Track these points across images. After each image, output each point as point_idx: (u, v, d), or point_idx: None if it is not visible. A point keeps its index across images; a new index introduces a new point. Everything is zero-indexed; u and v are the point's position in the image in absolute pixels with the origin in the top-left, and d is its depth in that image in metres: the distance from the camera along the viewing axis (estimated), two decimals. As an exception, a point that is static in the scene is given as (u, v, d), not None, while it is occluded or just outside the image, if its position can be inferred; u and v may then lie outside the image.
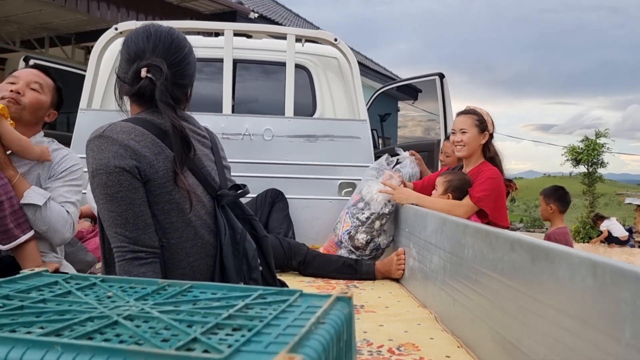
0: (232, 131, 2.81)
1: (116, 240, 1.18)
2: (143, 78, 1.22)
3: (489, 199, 2.26)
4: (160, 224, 1.21)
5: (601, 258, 0.88)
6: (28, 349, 0.47)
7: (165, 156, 1.21)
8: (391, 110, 5.57)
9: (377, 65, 14.12)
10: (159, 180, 1.20)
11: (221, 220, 1.27)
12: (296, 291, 0.67)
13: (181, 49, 1.29)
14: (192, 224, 1.24)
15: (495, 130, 2.44)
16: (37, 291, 0.67)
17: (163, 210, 1.21)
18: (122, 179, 1.16)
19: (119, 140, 1.18)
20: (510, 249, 1.18)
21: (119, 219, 1.17)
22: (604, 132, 14.58)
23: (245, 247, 1.28)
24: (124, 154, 1.17)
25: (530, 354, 1.07)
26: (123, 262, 1.16)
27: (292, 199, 2.82)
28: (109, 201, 1.17)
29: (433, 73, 3.73)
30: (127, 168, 1.16)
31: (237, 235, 1.28)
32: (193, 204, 1.23)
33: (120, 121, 1.24)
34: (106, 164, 1.16)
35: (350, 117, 3.05)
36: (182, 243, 1.23)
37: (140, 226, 1.17)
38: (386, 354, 1.36)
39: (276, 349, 0.47)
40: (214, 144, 1.40)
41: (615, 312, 0.81)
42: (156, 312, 0.58)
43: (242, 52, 3.11)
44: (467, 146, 2.39)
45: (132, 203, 1.17)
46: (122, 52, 1.29)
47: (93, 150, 1.19)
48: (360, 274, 2.34)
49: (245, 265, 1.27)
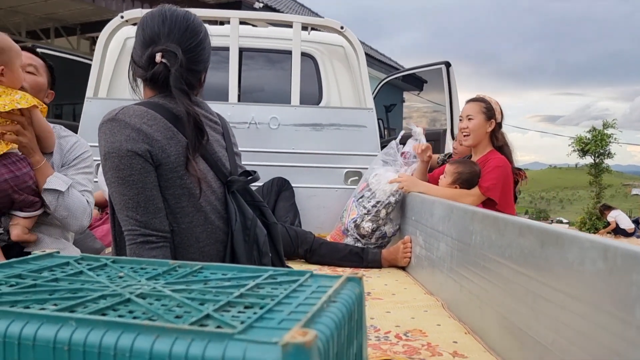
0: (238, 120, 2.81)
1: (127, 224, 1.18)
2: (157, 63, 1.21)
3: (497, 188, 2.26)
4: (171, 208, 1.22)
5: (612, 241, 0.87)
6: (42, 324, 0.47)
7: (177, 141, 1.21)
8: (396, 101, 5.55)
9: (382, 56, 14.06)
10: (170, 165, 1.20)
11: (232, 206, 1.27)
12: (307, 272, 0.67)
13: (196, 34, 1.28)
14: (203, 209, 1.24)
15: (504, 119, 2.42)
16: (49, 271, 0.67)
17: (174, 195, 1.21)
18: (134, 163, 1.16)
19: (131, 124, 1.18)
20: (519, 234, 1.18)
21: (131, 202, 1.17)
22: (611, 123, 14.49)
23: (256, 233, 1.28)
24: (137, 137, 1.17)
25: (538, 339, 1.07)
26: (134, 245, 1.17)
27: (298, 187, 2.82)
28: (120, 184, 1.17)
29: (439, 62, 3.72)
30: (139, 152, 1.16)
31: (247, 221, 1.28)
32: (203, 190, 1.23)
33: (133, 104, 1.23)
34: (118, 147, 1.16)
35: (357, 105, 3.04)
36: (192, 228, 1.23)
37: (151, 210, 1.17)
38: (393, 340, 1.36)
39: (289, 325, 0.47)
40: (226, 130, 1.40)
41: (625, 295, 0.80)
42: (168, 291, 0.58)
43: (248, 40, 3.10)
44: (472, 134, 2.38)
45: (143, 187, 1.17)
46: (137, 35, 1.28)
47: (105, 133, 1.19)
48: (366, 262, 2.34)
49: (256, 252, 1.28)
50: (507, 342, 1.23)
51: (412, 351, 1.27)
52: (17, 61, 1.54)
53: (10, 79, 1.51)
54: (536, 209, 44.52)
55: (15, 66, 1.52)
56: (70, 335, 0.46)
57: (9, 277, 0.63)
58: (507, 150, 2.41)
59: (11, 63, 1.51)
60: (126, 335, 0.45)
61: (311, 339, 0.42)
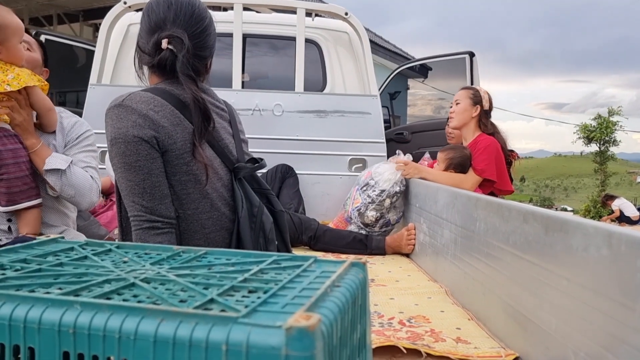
0: (242, 106, 2.80)
1: (133, 210, 1.18)
2: (164, 49, 1.21)
3: (492, 168, 2.38)
4: (177, 194, 1.22)
5: (616, 228, 0.87)
6: (47, 308, 0.48)
7: (183, 127, 1.21)
8: (401, 89, 5.52)
9: (387, 43, 13.95)
10: (177, 152, 1.20)
11: (239, 193, 1.27)
12: (310, 257, 0.67)
13: (202, 20, 1.27)
14: (209, 196, 1.24)
15: (492, 108, 2.56)
16: (53, 256, 0.68)
17: (180, 181, 1.21)
18: (141, 149, 1.16)
19: (138, 110, 1.18)
20: (524, 220, 1.17)
21: (137, 188, 1.17)
22: (617, 110, 14.39)
23: (263, 221, 1.29)
24: (143, 123, 1.17)
25: (542, 325, 1.07)
26: (139, 231, 1.17)
27: (302, 174, 2.81)
28: (126, 170, 1.17)
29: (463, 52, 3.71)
30: (145, 138, 1.16)
31: (254, 208, 1.28)
32: (209, 177, 1.23)
33: (139, 91, 1.23)
34: (125, 133, 1.16)
35: (361, 92, 3.03)
36: (198, 214, 1.24)
37: (157, 196, 1.18)
38: (397, 326, 1.37)
39: (293, 309, 0.47)
40: (232, 117, 1.39)
41: (629, 281, 0.80)
42: (172, 276, 0.58)
43: (252, 26, 3.08)
44: (457, 116, 2.54)
45: (149, 173, 1.17)
46: (142, 21, 1.27)
47: (112, 119, 1.19)
48: (370, 249, 2.35)
49: (262, 239, 1.28)
50: (510, 328, 1.24)
51: (416, 337, 1.27)
52: (15, 38, 1.50)
53: (7, 56, 1.49)
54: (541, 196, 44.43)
55: (11, 43, 1.49)
56: (75, 319, 0.46)
57: (14, 261, 0.63)
58: (499, 137, 2.52)
59: (7, 40, 1.48)
60: (131, 319, 0.45)
61: (315, 322, 0.42)
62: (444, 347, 1.20)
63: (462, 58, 3.65)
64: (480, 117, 2.52)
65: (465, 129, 2.56)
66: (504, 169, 2.45)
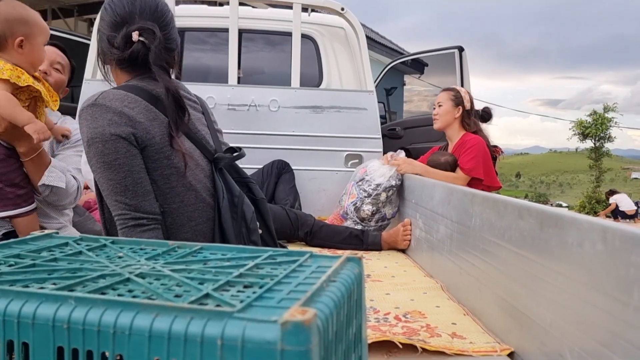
0: (238, 102, 2.79)
1: (117, 209, 1.17)
2: (135, 42, 1.19)
3: (479, 166, 2.45)
4: (161, 189, 1.21)
5: (611, 223, 0.87)
6: (42, 303, 0.47)
7: (160, 121, 1.21)
8: (397, 84, 5.51)
9: (383, 39, 13.93)
10: (156, 146, 1.19)
11: (219, 183, 1.28)
12: (306, 252, 0.67)
13: (167, 12, 1.28)
14: (193, 187, 1.24)
15: (473, 107, 2.64)
16: (48, 251, 0.67)
17: (162, 176, 1.21)
18: (119, 146, 1.15)
19: (112, 108, 1.16)
20: (519, 216, 1.18)
21: (118, 186, 1.16)
22: (612, 106, 14.44)
23: (244, 210, 1.29)
24: (119, 121, 1.16)
25: (537, 320, 1.07)
26: (125, 229, 1.16)
27: (298, 170, 2.81)
28: (107, 169, 1.16)
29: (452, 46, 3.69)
30: (123, 135, 1.15)
31: (235, 198, 1.29)
32: (191, 167, 1.23)
33: (111, 89, 1.22)
34: (102, 132, 1.15)
35: (357, 88, 3.02)
36: (184, 207, 1.23)
37: (140, 193, 1.17)
38: (393, 321, 1.37)
39: (288, 304, 0.47)
40: (204, 109, 1.41)
41: (624, 276, 0.81)
42: (167, 271, 0.58)
43: (248, 21, 3.06)
44: (440, 118, 2.62)
45: (130, 170, 1.16)
46: (104, 18, 1.25)
47: (87, 119, 1.17)
48: (366, 245, 2.35)
49: (244, 228, 1.29)
50: (505, 323, 1.24)
51: (412, 332, 1.27)
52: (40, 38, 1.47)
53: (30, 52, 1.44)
54: (536, 192, 44.58)
55: (36, 41, 1.45)
56: (70, 314, 0.46)
57: (7, 257, 0.63)
58: (482, 135, 2.60)
59: (32, 37, 1.44)
60: (125, 314, 0.45)
61: (310, 317, 0.42)
62: (439, 342, 1.20)
63: (452, 53, 3.65)
64: (463, 117, 2.61)
65: (450, 130, 2.65)
66: (491, 166, 2.53)
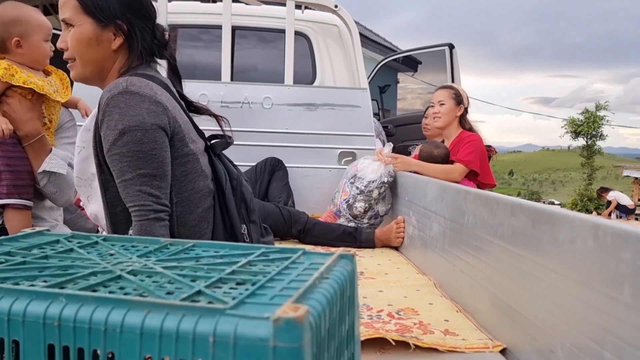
0: (231, 99, 2.78)
1: (138, 199, 1.14)
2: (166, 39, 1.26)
3: (476, 160, 2.47)
4: (177, 177, 1.21)
5: (602, 220, 0.88)
6: (32, 300, 0.47)
7: (179, 108, 1.24)
8: (391, 82, 5.52)
9: (377, 36, 13.93)
10: (180, 134, 1.20)
11: (220, 167, 1.30)
12: (299, 249, 0.67)
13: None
14: (204, 173, 1.26)
15: (469, 105, 2.68)
16: (38, 249, 0.67)
17: (181, 164, 1.21)
18: (158, 137, 1.14)
19: (148, 96, 1.15)
20: (511, 213, 1.18)
21: (148, 177, 1.14)
22: (604, 105, 14.54)
23: (243, 192, 1.32)
24: (156, 109, 1.15)
25: (529, 316, 1.08)
26: (145, 222, 1.13)
27: (291, 167, 2.81)
28: (140, 159, 1.13)
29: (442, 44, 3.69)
30: (162, 125, 1.16)
31: (233, 181, 1.31)
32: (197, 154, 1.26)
33: (130, 77, 1.19)
34: (142, 121, 1.12)
35: (351, 85, 3.02)
36: (194, 194, 1.24)
37: (164, 185, 1.17)
38: (386, 318, 1.38)
39: (281, 301, 0.47)
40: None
41: (615, 273, 0.81)
42: (159, 268, 0.58)
43: (241, 18, 3.05)
44: (443, 117, 2.63)
45: (163, 161, 1.16)
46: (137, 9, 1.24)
47: (120, 107, 1.12)
48: (360, 242, 2.35)
49: (244, 209, 1.30)
50: (498, 320, 1.25)
51: (404, 329, 1.28)
52: (37, 35, 1.44)
53: (30, 51, 1.43)
54: (529, 190, 44.81)
55: (33, 39, 1.43)
56: (61, 311, 0.45)
57: (-2, 254, 0.63)
58: (475, 131, 2.65)
59: (28, 35, 1.42)
60: (117, 311, 0.45)
61: (303, 313, 0.42)
62: (432, 339, 1.21)
63: (442, 50, 3.66)
64: (462, 115, 2.65)
65: (448, 128, 2.67)
66: (487, 163, 2.56)
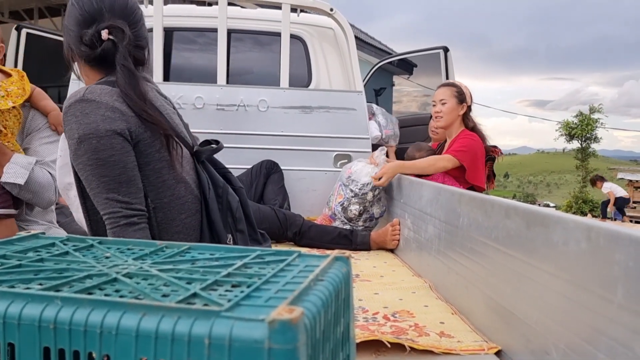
0: (227, 102, 2.79)
1: (107, 207, 1.15)
2: (105, 40, 1.18)
3: (467, 155, 2.39)
4: (153, 184, 1.20)
5: (595, 222, 0.88)
6: (27, 303, 0.47)
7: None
8: (386, 85, 5.53)
9: (372, 39, 13.95)
10: (147, 140, 1.19)
11: (203, 175, 1.28)
12: (294, 252, 0.68)
13: (137, 9, 1.27)
14: (183, 179, 1.25)
15: (472, 102, 2.59)
16: (34, 252, 0.67)
17: (154, 170, 1.20)
18: (114, 143, 1.14)
19: (104, 103, 1.14)
20: (506, 215, 1.19)
21: (112, 183, 1.14)
22: (597, 108, 14.62)
23: (229, 200, 1.30)
24: (113, 116, 1.14)
25: (523, 318, 1.08)
26: (117, 228, 1.14)
27: (287, 170, 2.81)
28: (100, 166, 1.14)
29: (437, 47, 3.70)
30: (118, 130, 1.14)
31: (219, 189, 1.30)
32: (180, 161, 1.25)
33: (94, 85, 1.19)
34: (96, 128, 1.12)
35: (346, 88, 3.03)
36: (175, 201, 1.23)
37: (133, 190, 1.16)
38: (381, 321, 1.38)
39: (276, 303, 0.47)
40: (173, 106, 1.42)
41: (608, 274, 0.82)
42: (155, 271, 0.58)
43: (236, 21, 3.06)
44: (445, 116, 2.54)
45: (125, 167, 1.15)
46: (73, 14, 1.23)
47: (76, 115, 1.14)
48: (355, 245, 2.35)
49: (231, 218, 1.29)
50: (492, 322, 1.25)
51: (400, 332, 1.28)
52: None
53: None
54: (524, 192, 44.99)
55: None
56: (56, 314, 0.46)
57: (-7, 257, 0.63)
58: (478, 130, 2.56)
59: None
60: (112, 314, 0.45)
61: (298, 315, 0.42)
62: (427, 342, 1.21)
63: (437, 53, 3.66)
64: (465, 114, 2.56)
65: (451, 128, 2.59)
66: (480, 164, 2.46)
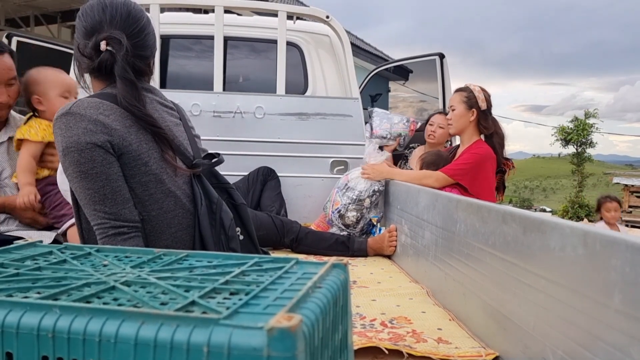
0: (224, 109, 2.79)
1: (96, 218, 1.16)
2: (103, 51, 1.19)
3: (465, 174, 2.30)
4: (139, 197, 1.20)
5: (591, 228, 0.89)
6: (26, 312, 0.47)
7: (137, 128, 1.20)
8: (382, 91, 5.55)
9: (368, 45, 14.02)
10: (132, 153, 1.18)
11: (197, 190, 1.27)
12: (292, 259, 0.68)
13: (139, 19, 1.27)
14: (172, 193, 1.24)
15: (490, 105, 2.43)
16: (32, 260, 0.67)
17: (140, 183, 1.20)
18: (95, 155, 1.14)
19: (87, 116, 1.16)
20: (502, 221, 1.19)
21: (97, 195, 1.15)
22: (593, 113, 14.70)
23: (222, 217, 1.29)
24: (94, 129, 1.15)
25: (520, 324, 1.08)
26: (105, 238, 1.15)
27: (284, 177, 2.81)
28: (83, 179, 1.15)
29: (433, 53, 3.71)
30: (98, 143, 1.14)
31: (213, 205, 1.29)
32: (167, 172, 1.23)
33: (86, 97, 1.21)
34: (76, 141, 1.14)
35: (342, 95, 3.04)
36: (163, 214, 1.23)
37: (119, 201, 1.16)
38: (379, 327, 1.38)
39: (274, 310, 0.47)
40: (182, 115, 1.40)
41: (604, 279, 0.82)
42: (153, 278, 0.58)
43: (233, 29, 3.07)
44: (454, 124, 2.46)
45: (108, 178, 1.15)
46: (78, 27, 1.26)
47: (61, 128, 1.16)
48: (352, 251, 2.35)
49: (223, 235, 1.28)
50: (490, 327, 1.25)
51: (398, 338, 1.28)
52: (53, 91, 1.76)
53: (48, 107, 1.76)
54: (520, 197, 45.10)
55: (49, 96, 1.76)
56: (55, 323, 0.46)
57: (-9, 266, 0.62)
58: (496, 140, 2.40)
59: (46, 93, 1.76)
60: (111, 322, 0.45)
61: (296, 323, 0.42)
62: (425, 348, 1.21)
63: (433, 60, 3.67)
64: (479, 119, 2.40)
65: (465, 134, 2.46)
66: (486, 180, 2.32)
